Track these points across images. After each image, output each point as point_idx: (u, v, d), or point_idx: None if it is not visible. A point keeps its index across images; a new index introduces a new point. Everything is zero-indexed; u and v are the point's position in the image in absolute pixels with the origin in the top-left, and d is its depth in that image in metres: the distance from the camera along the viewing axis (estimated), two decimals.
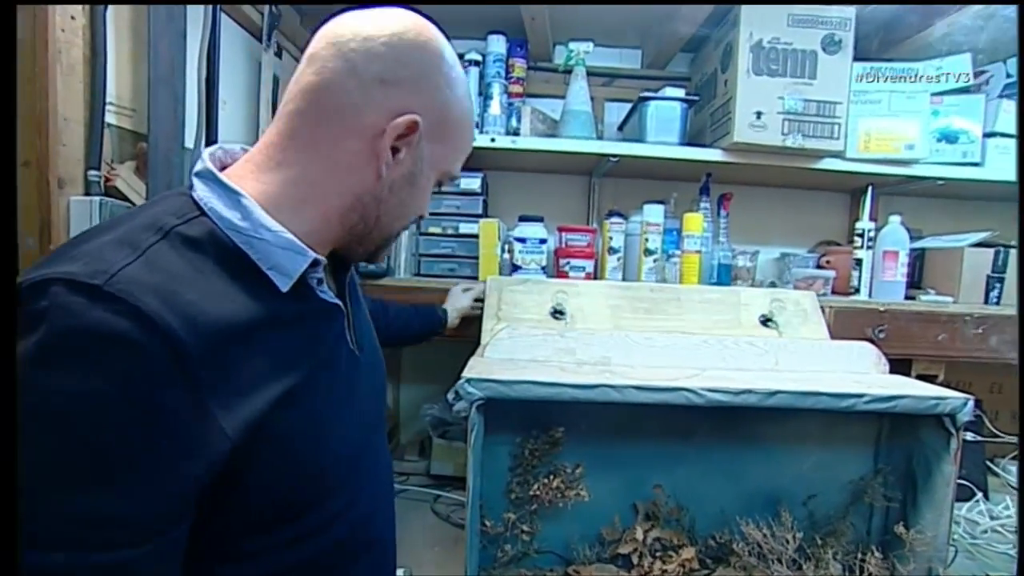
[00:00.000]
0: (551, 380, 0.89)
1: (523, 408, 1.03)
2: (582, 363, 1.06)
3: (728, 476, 1.08)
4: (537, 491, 0.97)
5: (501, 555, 1.00)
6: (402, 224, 0.63)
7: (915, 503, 1.04)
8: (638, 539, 0.98)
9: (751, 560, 1.00)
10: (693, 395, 0.88)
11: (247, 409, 0.46)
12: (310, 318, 0.56)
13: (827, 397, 0.90)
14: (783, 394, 0.89)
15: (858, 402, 0.90)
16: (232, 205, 0.50)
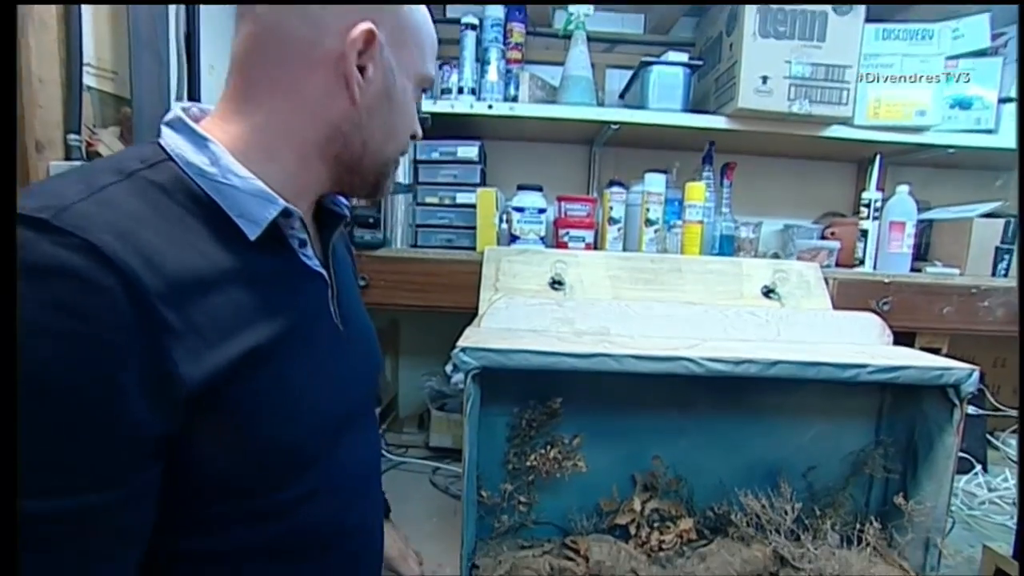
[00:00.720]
0: (548, 349, 0.87)
1: (520, 379, 1.01)
2: (581, 333, 1.04)
3: (728, 447, 1.07)
4: (534, 462, 0.96)
5: (498, 526, 1.00)
6: (396, 146, 0.58)
7: (915, 475, 1.03)
8: (636, 510, 0.97)
9: (749, 531, 0.99)
10: (693, 365, 0.86)
11: (210, 360, 0.43)
12: (288, 279, 0.53)
13: (829, 367, 0.88)
14: (784, 364, 0.87)
15: (861, 372, 0.89)
16: (200, 150, 0.47)
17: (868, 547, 0.98)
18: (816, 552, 0.94)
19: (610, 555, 0.97)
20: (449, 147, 1.47)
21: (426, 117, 1.41)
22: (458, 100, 1.42)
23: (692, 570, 0.97)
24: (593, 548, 0.98)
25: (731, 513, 1.02)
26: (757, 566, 0.98)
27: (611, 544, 0.99)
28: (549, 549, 1.02)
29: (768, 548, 0.98)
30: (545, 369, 0.88)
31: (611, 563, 0.96)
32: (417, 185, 1.50)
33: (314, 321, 0.56)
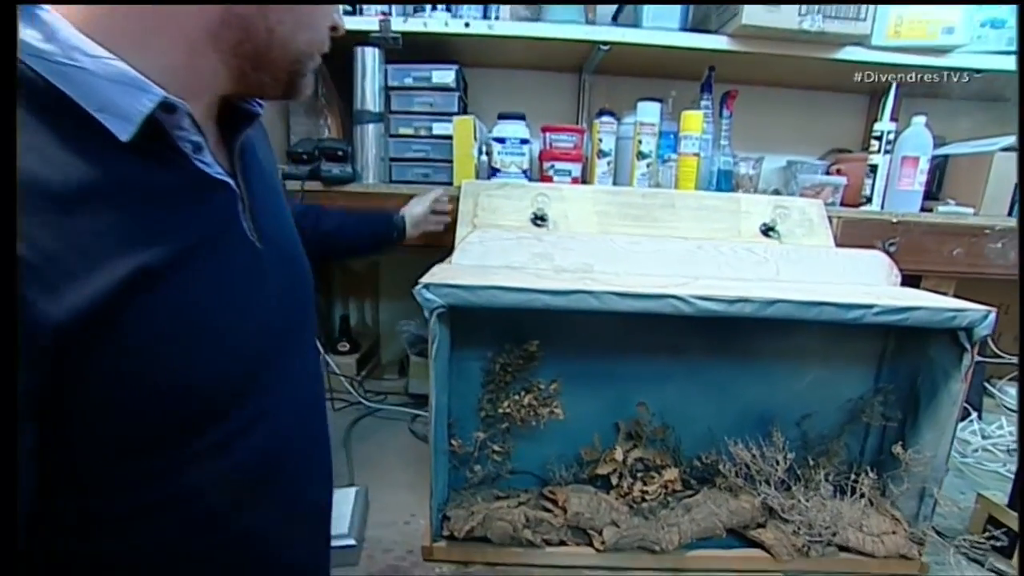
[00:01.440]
0: (520, 286, 0.78)
1: (495, 319, 0.93)
2: (561, 270, 0.95)
3: (719, 394, 1.00)
4: (508, 409, 0.89)
5: (471, 476, 0.94)
6: (309, 38, 0.48)
7: (915, 423, 0.97)
8: (618, 460, 0.91)
9: (738, 481, 0.93)
10: (681, 303, 0.78)
11: (76, 292, 0.35)
12: (183, 191, 0.43)
13: (832, 308, 0.80)
14: (783, 304, 0.79)
15: (866, 314, 0.80)
16: (28, 23, 0.36)
17: (862, 498, 0.93)
18: (807, 504, 0.88)
19: (589, 506, 0.91)
20: (423, 71, 1.34)
21: (396, 36, 1.27)
22: (431, 17, 1.28)
23: (676, 521, 0.92)
24: (572, 499, 0.92)
25: (719, 463, 0.96)
26: (744, 517, 0.93)
27: (591, 495, 0.93)
28: (526, 500, 0.96)
29: (757, 499, 0.92)
30: (517, 307, 0.79)
31: (590, 515, 0.90)
32: (389, 114, 1.37)
33: (221, 238, 0.46)
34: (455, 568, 0.93)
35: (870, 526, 0.95)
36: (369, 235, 1.07)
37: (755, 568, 0.94)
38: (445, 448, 0.91)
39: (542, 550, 0.92)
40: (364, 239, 1.07)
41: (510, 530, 0.91)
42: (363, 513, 1.04)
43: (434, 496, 0.90)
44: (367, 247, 1.11)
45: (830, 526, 0.90)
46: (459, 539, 0.91)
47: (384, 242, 1.11)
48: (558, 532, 0.93)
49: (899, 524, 0.96)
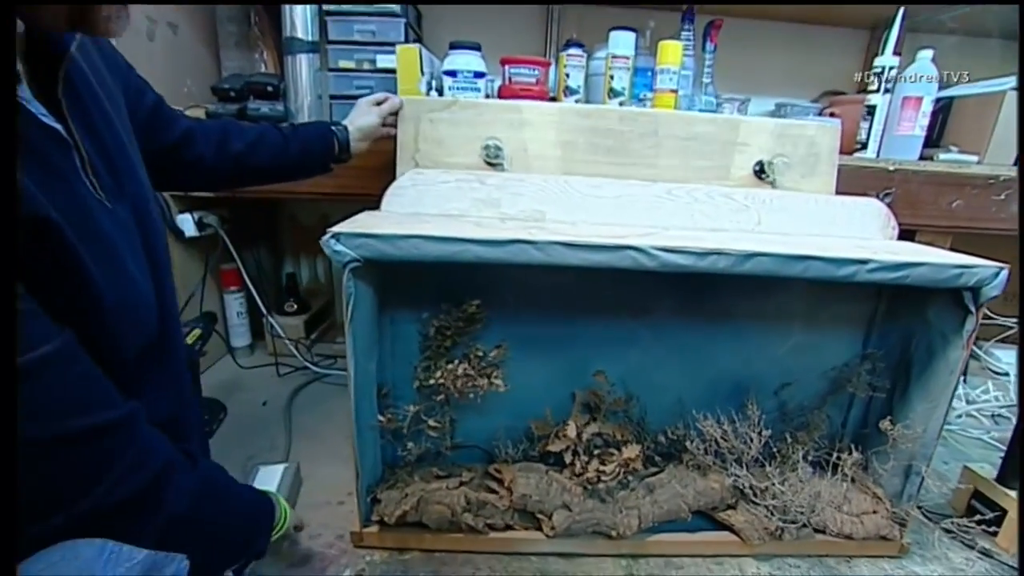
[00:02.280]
0: (447, 235, 0.65)
1: (432, 276, 0.80)
2: (508, 218, 0.81)
3: (689, 361, 0.89)
4: (441, 380, 0.76)
5: (405, 454, 0.82)
6: None
7: (905, 394, 0.86)
8: (571, 436, 0.79)
9: (707, 459, 0.83)
10: (642, 256, 0.65)
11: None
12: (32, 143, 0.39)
13: (821, 263, 0.68)
14: (763, 258, 0.67)
15: (860, 270, 0.68)
16: None
17: (846, 478, 0.83)
18: (783, 488, 0.78)
19: (538, 488, 0.80)
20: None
21: None
22: None
23: (636, 504, 0.81)
24: (519, 480, 0.81)
25: (687, 438, 0.85)
26: (713, 498, 0.83)
27: (541, 475, 0.83)
28: (469, 479, 0.85)
29: (727, 478, 0.82)
30: (445, 261, 0.66)
31: (539, 497, 0.80)
32: (327, 44, 1.20)
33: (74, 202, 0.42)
34: (388, 555, 0.83)
35: (850, 506, 0.85)
36: (300, 153, 0.88)
37: (722, 553, 0.84)
38: (372, 423, 0.79)
39: (486, 535, 0.82)
40: (293, 158, 0.88)
41: (448, 514, 0.80)
42: (291, 493, 0.93)
43: (360, 477, 0.79)
44: (299, 167, 0.90)
45: (806, 509, 0.80)
46: (392, 525, 0.80)
47: (323, 160, 0.92)
48: (503, 516, 0.82)
49: (881, 503, 0.87)
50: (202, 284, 1.26)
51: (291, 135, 0.87)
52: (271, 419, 1.19)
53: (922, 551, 0.89)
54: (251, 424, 1.17)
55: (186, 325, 1.07)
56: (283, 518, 0.69)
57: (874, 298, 0.88)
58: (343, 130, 0.92)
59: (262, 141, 0.84)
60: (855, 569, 0.85)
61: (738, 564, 0.84)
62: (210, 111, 1.16)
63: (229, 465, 1.05)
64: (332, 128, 0.91)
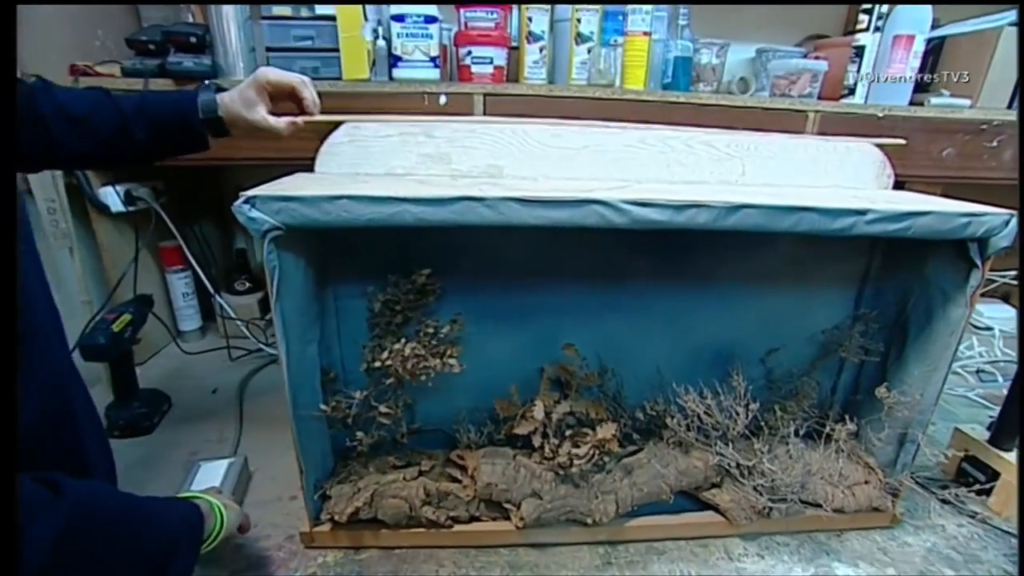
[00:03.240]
0: (381, 194, 0.55)
1: (380, 246, 0.71)
2: (460, 175, 0.72)
3: (669, 329, 0.81)
4: (388, 361, 0.67)
5: (357, 444, 0.73)
6: None
7: (901, 356, 0.80)
8: (538, 418, 0.71)
9: (689, 436, 0.76)
10: (611, 212, 0.56)
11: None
12: None
13: (815, 215, 0.59)
14: (750, 210, 0.58)
15: (858, 222, 0.60)
16: None
17: (838, 449, 0.77)
18: (771, 466, 0.71)
19: (505, 475, 0.73)
20: None
21: None
22: None
23: (612, 487, 0.74)
24: (483, 468, 0.73)
25: (668, 413, 0.78)
26: (696, 478, 0.76)
27: (508, 460, 0.75)
28: (429, 468, 0.77)
29: (712, 456, 0.75)
30: (381, 224, 0.56)
31: (505, 485, 0.72)
32: None
33: None
34: (342, 555, 0.75)
35: (841, 477, 0.79)
36: (145, 125, 0.67)
37: (707, 535, 0.78)
38: (316, 412, 0.70)
39: (449, 529, 0.74)
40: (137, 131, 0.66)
41: (405, 509, 0.72)
42: (237, 490, 0.84)
43: (305, 474, 0.70)
44: (146, 145, 0.68)
45: (796, 486, 0.74)
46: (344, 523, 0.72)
47: (178, 136, 0.70)
48: (468, 507, 0.74)
49: (873, 473, 0.81)
50: (134, 264, 1.14)
51: (143, 104, 0.67)
52: (221, 408, 1.10)
53: (914, 520, 0.84)
54: (199, 415, 1.07)
55: (113, 311, 0.96)
56: (217, 525, 0.61)
57: (867, 254, 0.80)
58: (212, 101, 0.70)
59: (94, 109, 0.64)
60: (846, 543, 0.80)
61: (723, 545, 0.78)
62: (126, 67, 1.02)
63: (170, 463, 0.96)
64: (197, 99, 0.70)
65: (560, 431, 0.76)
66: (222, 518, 0.61)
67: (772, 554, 0.77)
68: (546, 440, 0.74)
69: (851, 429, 0.73)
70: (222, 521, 0.61)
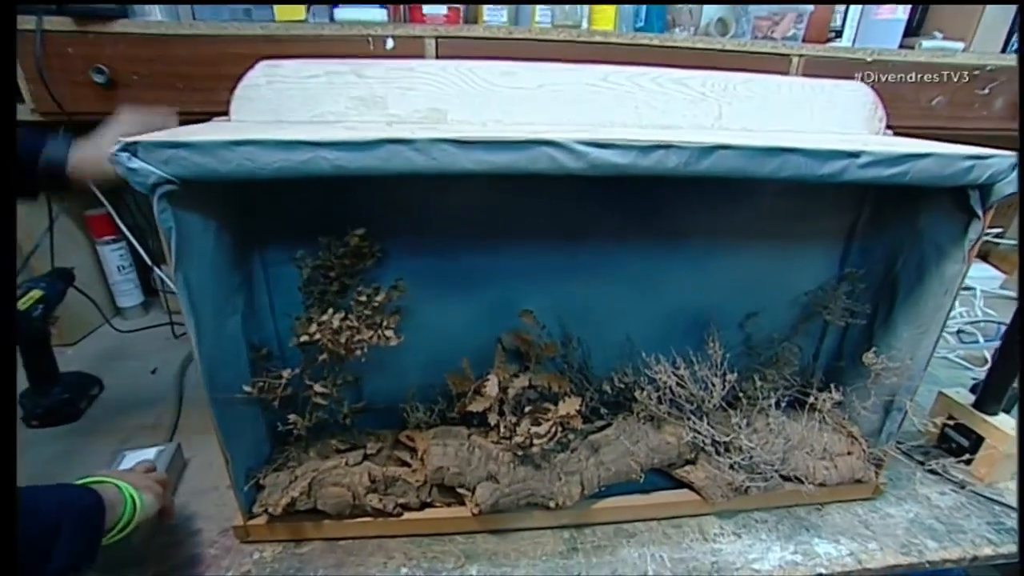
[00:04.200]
0: (290, 138, 0.45)
1: (308, 202, 0.62)
2: (398, 121, 0.62)
3: (639, 292, 0.74)
4: (316, 335, 0.59)
5: (289, 426, 0.65)
6: None
7: (889, 318, 0.73)
8: (491, 394, 0.64)
9: (661, 410, 0.69)
10: (564, 154, 0.47)
11: None
12: None
13: (801, 157, 0.51)
14: (727, 152, 0.50)
15: (850, 166, 0.53)
16: None
17: (821, 419, 0.71)
18: (750, 443, 0.65)
19: (457, 457, 0.66)
20: None
21: None
22: None
23: (577, 468, 0.68)
24: (432, 450, 0.66)
25: (638, 385, 0.71)
26: (669, 455, 0.70)
27: (461, 441, 0.68)
28: (376, 451, 0.70)
29: (685, 431, 0.69)
30: (294, 175, 0.47)
31: (458, 468, 0.65)
32: None
33: None
34: (281, 549, 0.67)
35: (822, 448, 0.74)
36: None
37: (680, 514, 0.72)
38: (240, 394, 0.62)
39: (399, 517, 0.67)
40: None
41: (348, 497, 0.65)
42: (171, 478, 0.76)
43: (231, 463, 0.62)
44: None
45: (776, 462, 0.68)
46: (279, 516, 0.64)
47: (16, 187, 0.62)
48: (419, 492, 0.67)
49: (856, 443, 0.76)
50: (49, 235, 1.02)
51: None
52: (161, 390, 1.01)
53: (896, 490, 0.79)
54: (134, 398, 0.98)
55: (20, 287, 0.86)
56: (126, 511, 0.53)
57: (855, 206, 0.73)
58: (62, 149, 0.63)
59: None
60: (827, 518, 0.75)
61: (698, 524, 0.72)
62: None
63: (97, 452, 0.86)
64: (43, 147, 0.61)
65: (519, 407, 0.68)
66: (134, 503, 0.54)
67: (749, 532, 0.71)
68: (502, 418, 0.66)
69: (836, 399, 0.67)
70: (134, 506, 0.54)
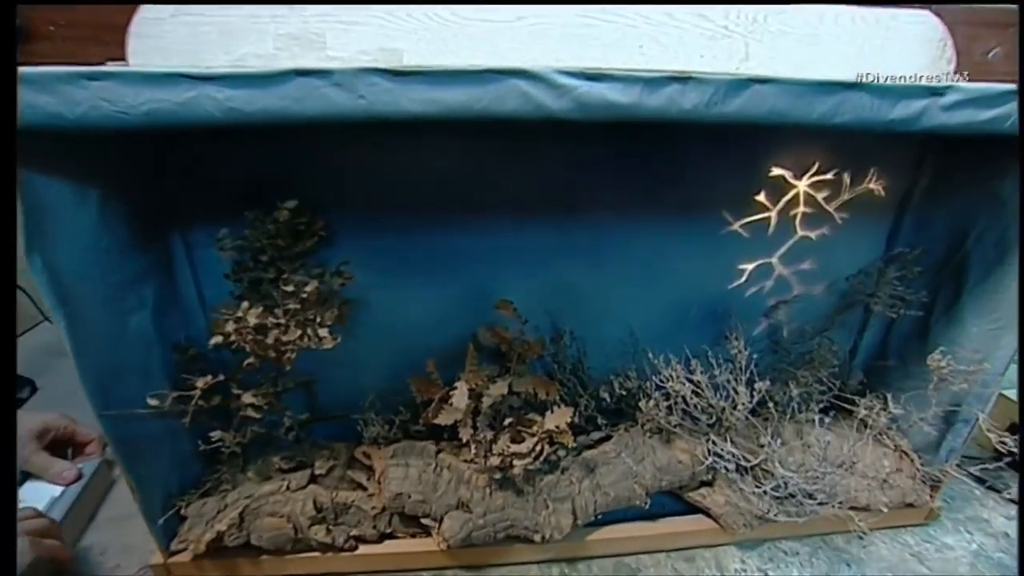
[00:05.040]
0: (163, 71, 0.33)
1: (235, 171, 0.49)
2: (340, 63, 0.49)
3: (644, 277, 0.61)
4: (232, 336, 0.46)
5: (217, 444, 0.54)
6: None
7: (953, 309, 0.60)
8: (458, 407, 0.52)
9: (671, 421, 0.57)
10: (542, 89, 0.34)
11: None
12: None
13: (866, 96, 0.38)
14: (765, 88, 0.36)
15: (930, 107, 0.39)
16: None
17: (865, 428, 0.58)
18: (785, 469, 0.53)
19: (422, 481, 0.54)
20: None
21: None
22: None
23: (569, 492, 0.56)
24: (391, 471, 0.54)
25: (644, 392, 0.58)
26: (679, 476, 0.58)
27: (427, 460, 0.55)
28: (327, 470, 0.58)
29: (702, 448, 0.56)
30: (171, 121, 0.34)
31: (421, 495, 0.53)
32: None
33: None
34: None
35: (866, 464, 0.61)
36: None
37: (694, 544, 0.60)
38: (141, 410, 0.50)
39: (353, 551, 0.56)
40: None
41: (289, 531, 0.53)
42: (89, 503, 0.65)
43: (139, 490, 0.50)
44: None
45: (811, 481, 0.55)
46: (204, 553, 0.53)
47: None
48: (376, 521, 0.56)
49: (906, 459, 0.63)
50: None
51: None
52: None
53: (953, 513, 0.67)
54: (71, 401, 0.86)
55: None
56: None
57: (911, 169, 0.60)
58: None
59: None
60: (871, 548, 0.62)
61: (715, 558, 0.60)
62: None
63: None
64: None
65: (498, 419, 0.56)
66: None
67: (777, 567, 0.59)
68: (476, 433, 0.54)
69: (894, 411, 0.54)
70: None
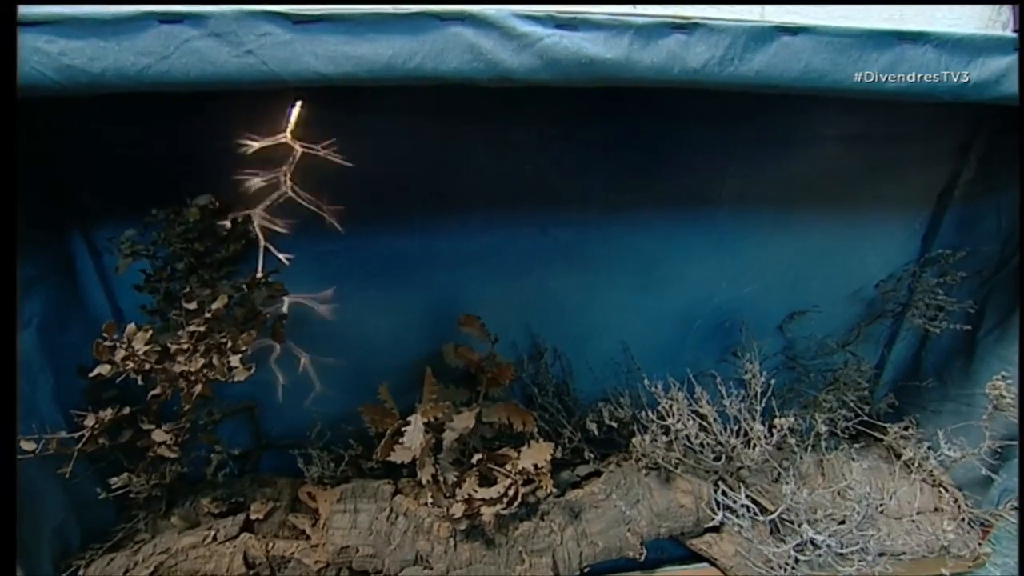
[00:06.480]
0: None
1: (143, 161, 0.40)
2: None
3: (638, 284, 0.52)
4: (124, 364, 0.37)
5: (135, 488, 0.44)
6: None
7: (1008, 321, 0.51)
8: (410, 447, 0.42)
9: (669, 458, 0.48)
10: (493, 38, 0.24)
11: None
12: None
13: (929, 49, 0.29)
14: (796, 39, 0.27)
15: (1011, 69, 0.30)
16: None
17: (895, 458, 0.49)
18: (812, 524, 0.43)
19: (372, 532, 0.45)
20: None
21: None
22: None
23: (548, 543, 0.46)
24: (336, 520, 0.45)
25: (639, 422, 0.49)
26: (682, 522, 0.48)
27: (378, 507, 0.46)
28: (264, 514, 0.49)
29: (705, 485, 0.47)
30: None
31: (371, 548, 0.44)
32: None
33: None
34: None
35: (900, 503, 0.52)
36: None
37: None
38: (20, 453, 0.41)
39: None
40: None
41: None
42: None
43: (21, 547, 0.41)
44: None
45: (834, 524, 0.46)
46: None
47: None
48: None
49: (946, 496, 0.54)
50: None
51: None
52: None
53: (1001, 558, 0.58)
54: None
55: None
56: None
57: (955, 157, 0.50)
58: None
59: None
60: None
61: None
62: None
63: None
64: None
65: (465, 455, 0.47)
66: None
67: None
68: (438, 473, 0.45)
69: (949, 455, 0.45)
70: None
